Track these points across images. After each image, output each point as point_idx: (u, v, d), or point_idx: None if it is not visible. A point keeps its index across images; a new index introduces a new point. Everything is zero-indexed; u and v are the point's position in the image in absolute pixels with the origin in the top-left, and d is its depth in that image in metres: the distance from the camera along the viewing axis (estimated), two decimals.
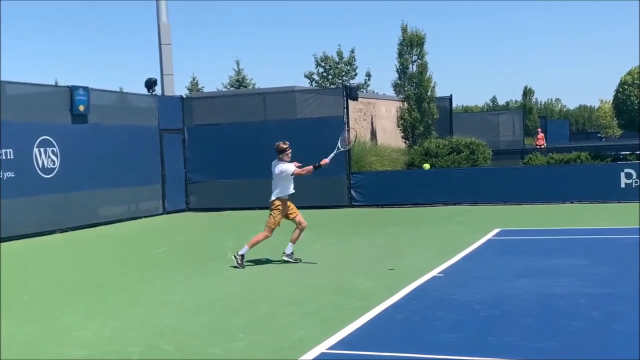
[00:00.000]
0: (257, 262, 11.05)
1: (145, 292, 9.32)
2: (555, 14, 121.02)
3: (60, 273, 11.32)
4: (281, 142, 10.76)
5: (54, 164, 16.55)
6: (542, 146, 35.96)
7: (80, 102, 17.19)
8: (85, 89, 17.45)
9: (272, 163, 10.75)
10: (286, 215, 10.76)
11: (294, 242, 10.86)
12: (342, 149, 11.22)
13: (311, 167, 10.65)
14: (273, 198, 10.68)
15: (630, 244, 11.70)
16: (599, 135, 54.89)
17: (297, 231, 10.80)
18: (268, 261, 11.06)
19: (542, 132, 40.79)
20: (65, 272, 11.37)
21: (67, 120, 17.04)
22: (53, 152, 16.55)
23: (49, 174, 16.39)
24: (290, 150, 10.66)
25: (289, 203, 10.77)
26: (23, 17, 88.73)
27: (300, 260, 10.82)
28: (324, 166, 10.75)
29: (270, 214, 10.72)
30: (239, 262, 10.60)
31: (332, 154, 10.78)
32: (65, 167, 16.81)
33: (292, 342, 6.52)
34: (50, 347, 6.77)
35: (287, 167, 10.56)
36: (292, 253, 10.85)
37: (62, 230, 16.56)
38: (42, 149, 16.23)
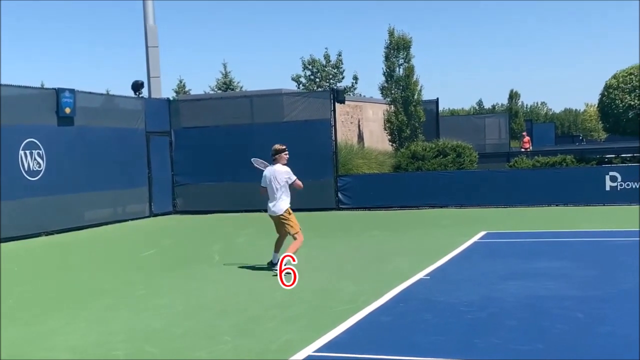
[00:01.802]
0: (244, 265, 11.04)
1: (131, 295, 9.29)
2: (542, 18, 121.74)
3: (46, 276, 11.26)
4: (278, 144, 10.53)
5: (39, 167, 16.46)
6: (528, 149, 36.13)
7: (66, 105, 17.12)
8: (72, 91, 17.38)
9: (268, 169, 10.39)
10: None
11: (277, 251, 10.71)
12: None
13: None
14: (285, 210, 10.24)
15: (616, 246, 11.80)
16: (580, 139, 55.11)
17: (283, 240, 10.59)
18: (254, 265, 11.05)
19: (527, 135, 40.98)
20: (51, 276, 11.31)
21: (53, 123, 16.97)
22: (39, 154, 16.45)
23: (34, 177, 16.30)
24: (287, 153, 10.41)
25: None
26: (8, 18, 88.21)
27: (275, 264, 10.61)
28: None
29: (289, 224, 10.27)
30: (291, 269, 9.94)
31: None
32: (51, 170, 16.73)
33: (278, 345, 6.52)
34: (35, 351, 6.74)
35: (290, 171, 10.35)
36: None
37: (48, 233, 16.48)
38: (27, 152, 16.14)
